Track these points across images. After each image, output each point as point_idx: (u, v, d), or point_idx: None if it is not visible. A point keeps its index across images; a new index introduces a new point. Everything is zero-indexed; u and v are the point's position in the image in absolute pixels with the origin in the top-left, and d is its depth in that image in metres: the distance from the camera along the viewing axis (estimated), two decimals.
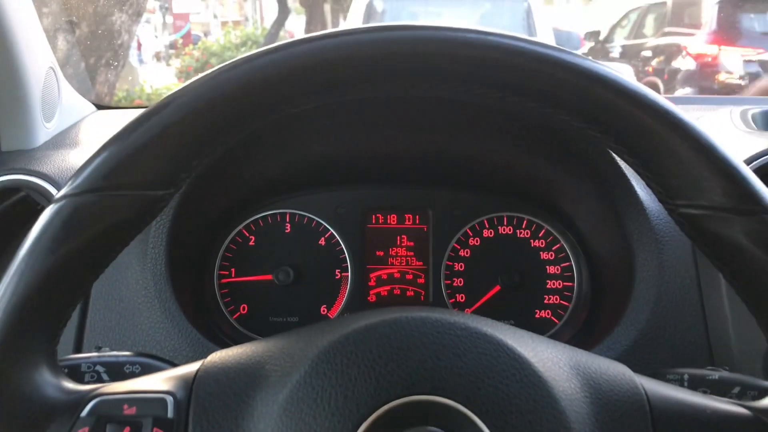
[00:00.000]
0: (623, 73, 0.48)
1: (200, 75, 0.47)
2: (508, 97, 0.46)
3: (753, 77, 5.48)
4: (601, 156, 0.83)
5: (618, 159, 0.83)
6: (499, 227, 0.94)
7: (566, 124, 0.79)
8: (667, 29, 6.77)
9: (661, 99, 0.46)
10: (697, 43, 5.95)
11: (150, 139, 0.45)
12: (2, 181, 0.86)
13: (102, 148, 0.46)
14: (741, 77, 5.55)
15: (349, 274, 0.93)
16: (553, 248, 0.93)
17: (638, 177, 0.81)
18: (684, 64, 6.13)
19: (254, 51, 0.47)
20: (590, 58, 0.47)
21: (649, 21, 7.28)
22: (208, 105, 0.46)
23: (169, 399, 0.46)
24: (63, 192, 0.45)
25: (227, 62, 0.47)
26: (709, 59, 5.80)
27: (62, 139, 1.04)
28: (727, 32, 5.78)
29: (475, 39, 0.45)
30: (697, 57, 5.92)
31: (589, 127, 0.47)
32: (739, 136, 0.94)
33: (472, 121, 0.88)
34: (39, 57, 0.99)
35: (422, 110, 0.87)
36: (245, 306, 0.92)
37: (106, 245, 0.46)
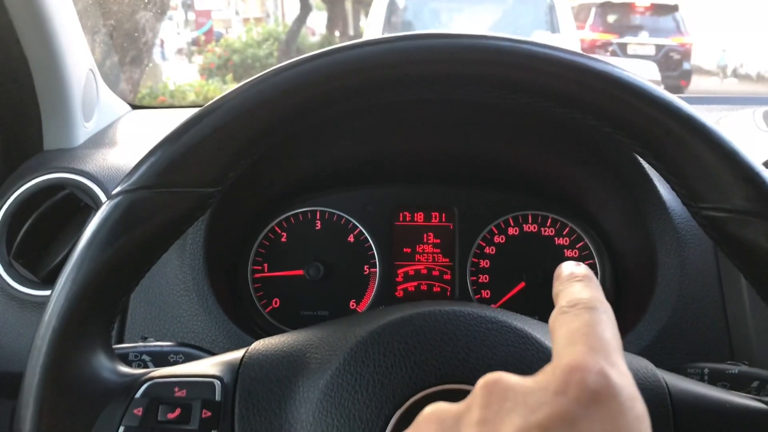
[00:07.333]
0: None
1: (248, 80, 0.50)
2: (539, 102, 0.49)
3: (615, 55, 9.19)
4: (625, 157, 0.85)
5: (642, 160, 0.85)
6: (524, 225, 0.96)
7: (592, 128, 0.81)
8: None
9: (685, 105, 0.48)
10: (585, 32, 9.55)
11: (201, 139, 0.48)
12: (48, 179, 0.90)
13: (156, 148, 0.49)
14: (610, 53, 9.36)
15: (377, 270, 0.95)
16: (577, 246, 0.95)
17: (662, 178, 0.83)
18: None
19: (299, 57, 0.50)
20: (615, 64, 0.49)
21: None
22: (256, 108, 0.49)
23: (217, 383, 0.49)
24: (119, 188, 0.49)
25: (272, 68, 0.50)
26: (588, 43, 9.53)
27: (101, 139, 1.08)
28: (601, 26, 9.76)
29: (512, 48, 0.48)
30: (583, 42, 9.35)
31: (615, 132, 0.49)
32: (761, 137, 0.95)
33: (498, 122, 0.90)
34: (79, 59, 1.02)
35: (449, 110, 0.89)
36: (277, 300, 0.95)
37: (159, 238, 0.49)
